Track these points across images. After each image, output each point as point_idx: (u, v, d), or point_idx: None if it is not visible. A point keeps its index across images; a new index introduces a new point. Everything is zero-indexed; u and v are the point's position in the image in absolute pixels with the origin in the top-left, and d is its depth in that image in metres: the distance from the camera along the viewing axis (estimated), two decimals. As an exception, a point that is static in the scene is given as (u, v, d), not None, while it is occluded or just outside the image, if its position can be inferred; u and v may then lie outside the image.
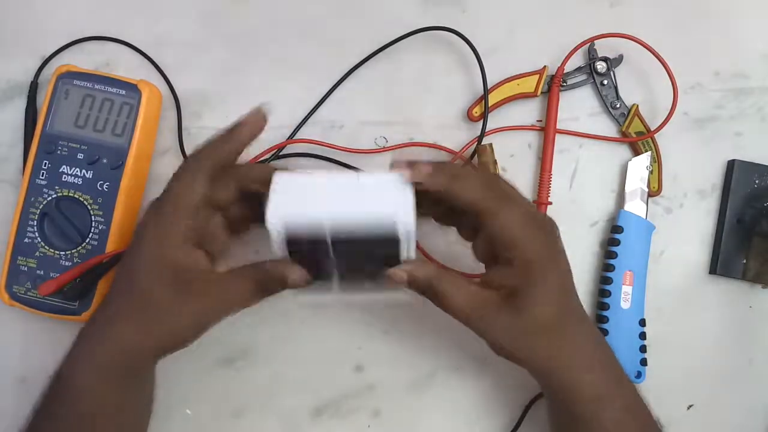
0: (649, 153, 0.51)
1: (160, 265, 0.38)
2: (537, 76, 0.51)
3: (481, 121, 0.50)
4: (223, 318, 0.39)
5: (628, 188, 0.51)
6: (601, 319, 0.49)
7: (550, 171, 0.51)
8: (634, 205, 0.50)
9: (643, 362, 0.49)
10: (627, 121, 0.51)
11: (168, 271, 0.38)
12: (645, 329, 0.49)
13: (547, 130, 0.51)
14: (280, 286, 0.38)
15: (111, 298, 0.40)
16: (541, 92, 0.51)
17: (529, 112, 0.52)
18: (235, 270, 0.39)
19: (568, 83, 0.52)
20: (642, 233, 0.50)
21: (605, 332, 0.49)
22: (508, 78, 0.51)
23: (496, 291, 0.39)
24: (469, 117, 0.51)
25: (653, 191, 0.51)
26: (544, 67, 0.51)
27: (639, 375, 0.49)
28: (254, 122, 0.40)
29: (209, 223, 0.40)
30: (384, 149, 0.51)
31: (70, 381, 0.39)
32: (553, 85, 0.51)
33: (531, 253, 0.38)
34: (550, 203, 0.51)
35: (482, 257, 0.42)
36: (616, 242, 0.50)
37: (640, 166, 0.51)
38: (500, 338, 0.39)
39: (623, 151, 0.52)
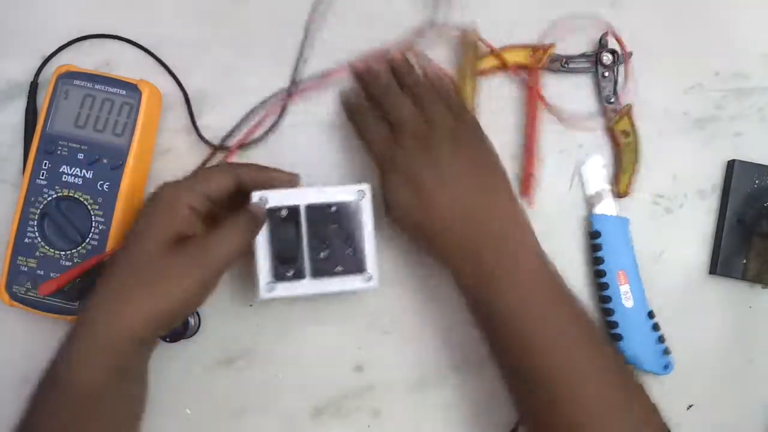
0: (599, 156, 0.51)
1: (164, 235, 0.40)
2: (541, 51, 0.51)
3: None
4: (224, 271, 0.41)
5: (591, 192, 0.51)
6: (611, 325, 0.49)
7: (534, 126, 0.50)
8: (603, 206, 0.50)
9: (666, 352, 0.49)
10: (617, 118, 0.51)
11: (170, 238, 0.40)
12: (656, 320, 0.49)
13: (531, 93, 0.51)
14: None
15: (110, 278, 0.40)
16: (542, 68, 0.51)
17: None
18: (224, 223, 0.42)
19: (569, 66, 0.52)
20: (619, 230, 0.50)
21: (619, 337, 0.49)
22: (511, 45, 0.51)
23: None
24: None
25: (622, 193, 0.51)
26: (552, 44, 0.51)
27: (666, 366, 0.49)
28: (285, 181, 0.45)
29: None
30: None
31: (73, 370, 0.39)
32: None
33: None
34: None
35: None
36: (599, 247, 0.49)
37: (595, 167, 0.51)
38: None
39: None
